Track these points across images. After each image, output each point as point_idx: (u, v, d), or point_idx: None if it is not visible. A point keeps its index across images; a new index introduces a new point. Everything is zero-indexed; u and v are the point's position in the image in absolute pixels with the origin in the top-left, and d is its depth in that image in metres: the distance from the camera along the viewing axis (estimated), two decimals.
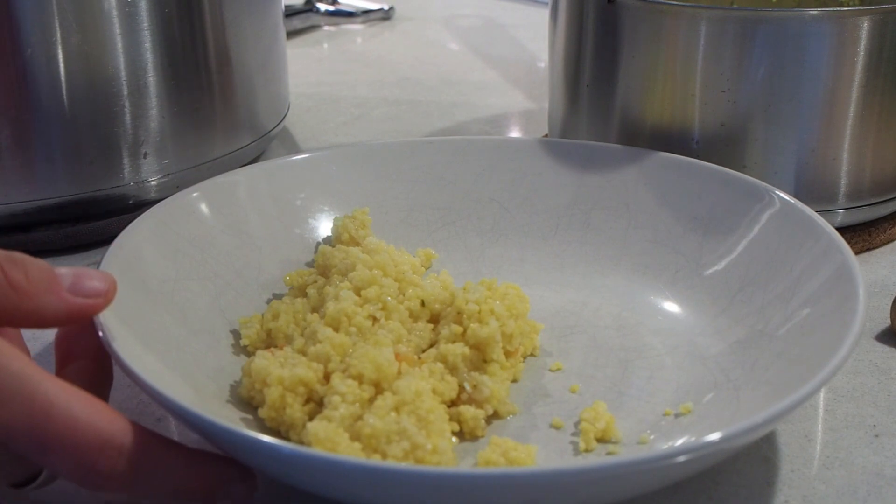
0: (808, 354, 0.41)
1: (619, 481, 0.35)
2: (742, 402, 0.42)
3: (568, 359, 0.48)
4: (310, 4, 1.10)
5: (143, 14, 0.58)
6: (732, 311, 0.48)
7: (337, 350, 0.42)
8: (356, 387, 0.40)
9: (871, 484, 0.42)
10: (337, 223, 0.53)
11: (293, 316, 0.47)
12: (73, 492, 0.40)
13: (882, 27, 0.55)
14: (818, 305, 0.44)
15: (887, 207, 0.61)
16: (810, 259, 0.47)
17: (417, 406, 0.40)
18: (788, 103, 0.56)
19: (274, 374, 0.41)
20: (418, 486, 0.34)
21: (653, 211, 0.54)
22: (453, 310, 0.45)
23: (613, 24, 0.59)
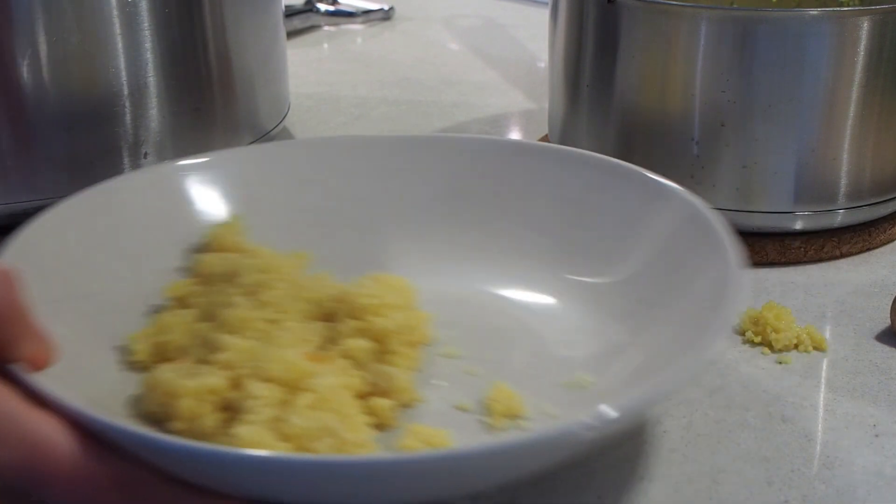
0: (693, 319, 0.42)
1: (545, 452, 0.36)
2: (638, 367, 0.43)
3: (460, 345, 0.48)
4: (310, 4, 1.10)
5: (143, 14, 0.58)
6: (614, 286, 0.49)
7: (242, 356, 0.42)
8: (271, 389, 0.40)
9: (871, 484, 0.42)
10: (213, 230, 0.52)
11: (184, 327, 0.46)
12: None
13: (882, 27, 0.55)
14: (697, 275, 0.45)
15: (887, 207, 0.61)
16: (684, 233, 0.48)
17: (335, 402, 0.40)
18: (788, 103, 0.56)
19: (181, 387, 0.41)
20: (368, 476, 0.34)
21: (525, 199, 0.54)
22: (348, 306, 0.46)
23: (613, 24, 0.59)
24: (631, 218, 0.50)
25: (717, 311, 0.40)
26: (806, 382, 0.48)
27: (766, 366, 0.50)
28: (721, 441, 0.44)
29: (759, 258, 0.59)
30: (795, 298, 0.55)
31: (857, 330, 0.52)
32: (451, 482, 0.35)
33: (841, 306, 0.55)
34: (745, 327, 0.52)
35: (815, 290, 0.56)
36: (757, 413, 0.46)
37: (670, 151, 0.59)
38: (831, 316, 0.54)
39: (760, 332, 0.51)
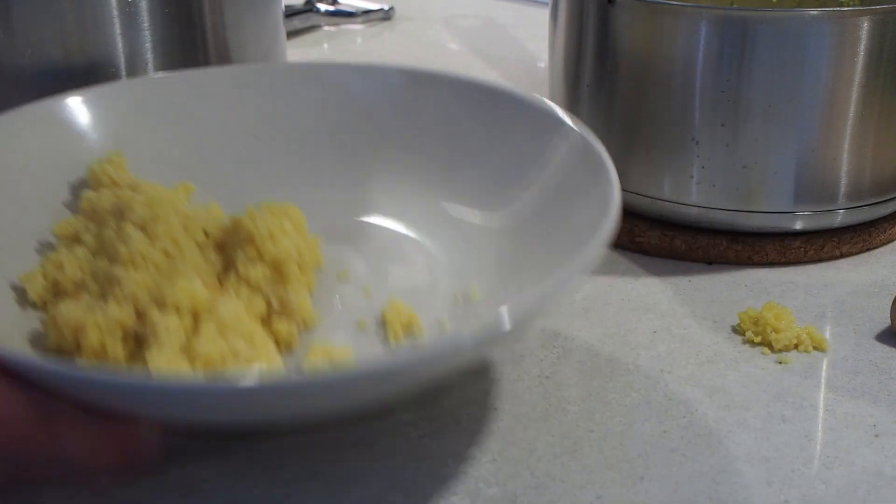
0: (572, 237, 0.43)
1: (447, 359, 0.36)
2: (523, 278, 0.45)
3: (352, 267, 0.50)
4: (310, 4, 1.10)
5: (143, 14, 0.58)
6: (495, 205, 0.50)
7: (142, 288, 0.43)
8: (176, 317, 0.41)
9: (871, 484, 0.42)
10: (93, 167, 0.51)
11: (77, 264, 0.46)
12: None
13: (882, 27, 0.55)
14: (574, 188, 0.46)
15: (887, 207, 0.61)
16: (560, 151, 0.48)
17: (239, 327, 0.41)
18: (788, 103, 0.56)
19: (88, 321, 0.41)
20: (294, 394, 0.34)
21: (399, 123, 0.55)
22: (241, 234, 0.46)
23: (613, 24, 0.59)
24: (521, 148, 0.51)
25: (595, 232, 0.41)
26: (806, 382, 0.48)
27: (766, 366, 0.50)
28: (721, 441, 0.44)
29: (759, 258, 0.59)
30: (795, 298, 0.55)
31: (857, 330, 0.52)
32: (360, 394, 0.36)
33: (841, 306, 0.55)
34: (745, 327, 0.52)
35: (815, 290, 0.56)
36: (757, 413, 0.46)
37: (670, 151, 0.59)
38: (831, 316, 0.54)
39: (760, 332, 0.51)
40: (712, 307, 0.55)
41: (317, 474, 0.42)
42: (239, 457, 0.43)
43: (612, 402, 0.47)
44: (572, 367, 0.50)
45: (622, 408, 0.47)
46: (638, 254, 0.61)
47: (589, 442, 0.44)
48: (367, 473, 0.42)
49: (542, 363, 0.50)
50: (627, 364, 0.50)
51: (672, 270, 0.59)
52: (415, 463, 0.43)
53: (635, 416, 0.46)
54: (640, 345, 0.51)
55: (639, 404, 0.47)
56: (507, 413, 0.46)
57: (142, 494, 0.41)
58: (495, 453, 0.44)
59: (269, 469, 0.43)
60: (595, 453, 0.43)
